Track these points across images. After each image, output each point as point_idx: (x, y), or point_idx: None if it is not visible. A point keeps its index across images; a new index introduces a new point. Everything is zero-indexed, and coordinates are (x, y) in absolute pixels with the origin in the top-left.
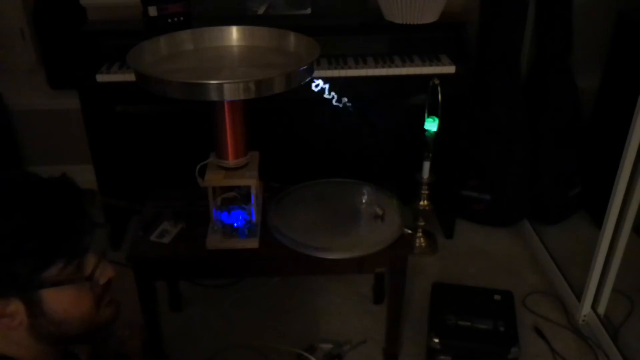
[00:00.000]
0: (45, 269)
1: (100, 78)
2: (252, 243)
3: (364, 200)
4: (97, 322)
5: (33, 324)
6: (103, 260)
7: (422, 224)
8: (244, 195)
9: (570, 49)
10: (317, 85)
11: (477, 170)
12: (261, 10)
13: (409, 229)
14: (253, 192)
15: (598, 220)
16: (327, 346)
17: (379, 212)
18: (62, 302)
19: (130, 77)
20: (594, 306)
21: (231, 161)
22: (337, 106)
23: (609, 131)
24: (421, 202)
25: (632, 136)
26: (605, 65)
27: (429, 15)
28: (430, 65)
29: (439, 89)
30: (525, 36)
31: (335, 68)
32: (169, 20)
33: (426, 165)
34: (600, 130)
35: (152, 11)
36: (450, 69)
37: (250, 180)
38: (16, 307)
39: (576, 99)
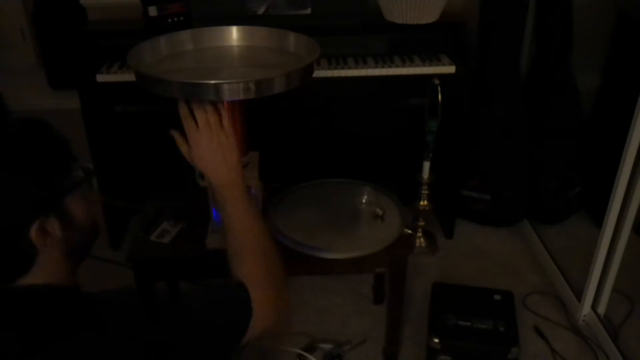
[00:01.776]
0: (65, 176)
1: (101, 78)
2: None
3: (364, 201)
4: (97, 226)
5: (66, 237)
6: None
7: (422, 224)
8: None
9: (570, 48)
10: None
11: (477, 170)
12: (261, 11)
13: (409, 229)
14: (253, 191)
15: (598, 220)
16: (327, 346)
17: (379, 212)
18: (80, 206)
19: (130, 77)
20: (594, 306)
21: None
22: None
23: (609, 131)
24: (421, 202)
25: (632, 136)
26: (605, 65)
27: (429, 15)
28: (430, 65)
29: (439, 89)
30: (525, 36)
31: (335, 68)
32: (169, 20)
33: (426, 165)
34: (601, 130)
35: (152, 11)
36: (450, 69)
37: (250, 180)
38: (54, 223)
39: (576, 99)
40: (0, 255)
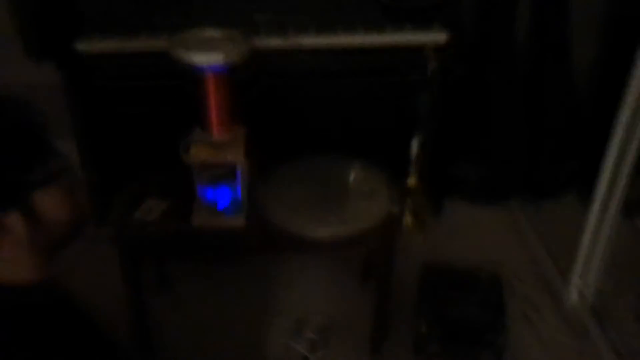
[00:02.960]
0: (31, 171)
1: (81, 46)
2: (239, 221)
3: (352, 178)
4: (78, 219)
5: (31, 234)
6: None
7: (410, 202)
8: (229, 172)
9: (567, 18)
10: None
11: (468, 146)
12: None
13: (398, 206)
14: (239, 168)
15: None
16: (316, 318)
17: (368, 189)
18: (52, 203)
19: (113, 45)
20: (582, 291)
21: (216, 136)
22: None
23: (604, 105)
24: (410, 180)
25: (622, 115)
26: (602, 34)
27: None
28: (422, 32)
29: (431, 57)
30: (520, 5)
31: (324, 36)
32: None
33: (415, 142)
34: (596, 105)
35: None
36: (443, 37)
37: (236, 156)
38: (14, 218)
39: (572, 70)
40: None
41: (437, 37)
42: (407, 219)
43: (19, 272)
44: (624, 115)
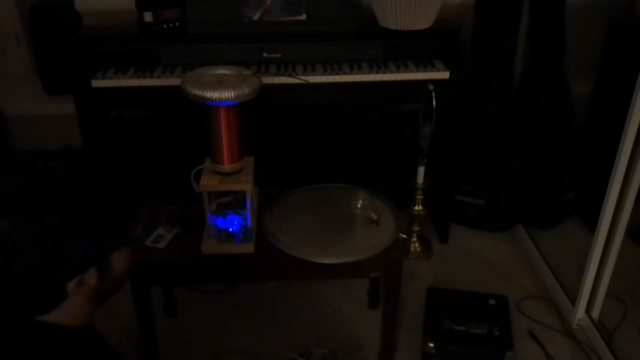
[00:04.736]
0: (121, 233)
1: (96, 83)
2: (248, 248)
3: (359, 205)
4: (126, 276)
5: (98, 287)
6: None
7: (416, 228)
8: (239, 200)
9: (563, 54)
10: None
11: (471, 175)
12: (256, 17)
13: (404, 233)
14: (248, 197)
15: (592, 225)
16: (322, 351)
17: (374, 217)
18: (123, 261)
19: (125, 82)
20: (588, 310)
21: (226, 166)
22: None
23: (603, 136)
24: (416, 207)
25: (625, 141)
26: (598, 71)
27: (423, 21)
28: (425, 70)
29: (433, 94)
30: (519, 42)
31: (330, 74)
32: (165, 26)
33: (421, 171)
34: (594, 135)
35: (148, 17)
36: (445, 75)
37: (246, 185)
38: (92, 274)
39: (570, 104)
40: (32, 295)
41: (439, 75)
42: (414, 246)
43: (78, 318)
44: (629, 138)
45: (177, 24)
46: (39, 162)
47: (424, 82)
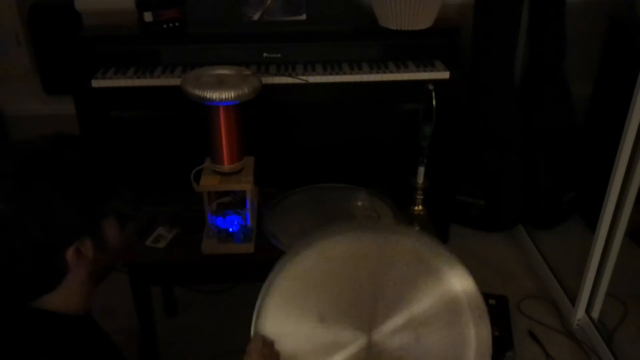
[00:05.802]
0: (107, 201)
1: (96, 83)
2: (248, 248)
3: (359, 205)
4: (126, 249)
5: (96, 259)
6: None
7: (417, 228)
8: (239, 200)
9: (563, 54)
10: None
11: (471, 175)
12: (256, 16)
13: None
14: (248, 196)
15: (592, 225)
16: None
17: (374, 217)
18: (113, 229)
19: (125, 82)
20: (588, 310)
21: (226, 166)
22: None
23: (603, 136)
24: (416, 207)
25: (625, 140)
26: (598, 71)
27: (423, 21)
28: (425, 70)
29: (433, 94)
30: (519, 42)
31: (330, 74)
32: (165, 26)
33: (421, 171)
34: (594, 136)
35: (148, 17)
36: (445, 75)
37: (246, 185)
38: (88, 244)
39: (570, 104)
40: (35, 270)
41: (439, 75)
42: None
43: (75, 302)
44: (629, 139)
45: (177, 24)
46: (21, 144)
47: (424, 82)
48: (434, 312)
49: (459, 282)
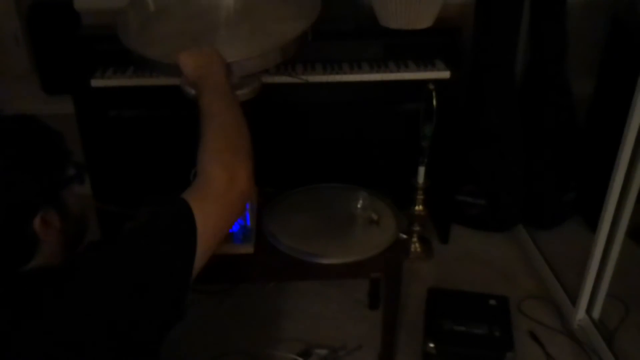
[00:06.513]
0: (61, 171)
1: (95, 83)
2: (247, 248)
3: (359, 205)
4: (87, 218)
5: (64, 228)
6: None
7: (417, 229)
8: None
9: (564, 54)
10: None
11: (471, 175)
12: None
13: (404, 234)
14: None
15: (593, 225)
16: (322, 351)
17: (374, 217)
18: (74, 199)
19: (124, 82)
20: (588, 311)
21: None
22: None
23: (604, 136)
24: (416, 207)
25: (626, 140)
26: (599, 70)
27: (423, 20)
28: (425, 70)
29: (433, 94)
30: (520, 41)
31: (330, 73)
32: None
33: (421, 171)
34: (595, 135)
35: None
36: (445, 74)
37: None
38: (53, 215)
39: (571, 104)
40: (9, 243)
41: (439, 74)
42: (414, 246)
43: (55, 261)
44: (630, 138)
45: None
46: None
47: (425, 82)
48: None
49: None
